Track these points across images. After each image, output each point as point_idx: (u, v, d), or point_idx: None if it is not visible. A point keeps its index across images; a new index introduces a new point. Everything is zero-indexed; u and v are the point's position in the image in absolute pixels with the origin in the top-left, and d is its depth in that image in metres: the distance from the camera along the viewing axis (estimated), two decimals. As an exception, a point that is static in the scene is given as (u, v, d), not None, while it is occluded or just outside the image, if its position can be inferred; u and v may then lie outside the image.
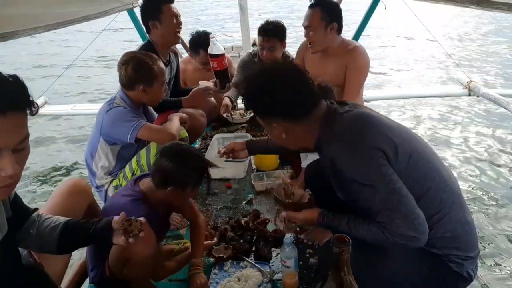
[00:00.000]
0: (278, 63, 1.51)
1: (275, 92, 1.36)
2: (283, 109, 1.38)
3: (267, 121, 1.46)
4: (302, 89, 1.38)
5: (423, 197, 1.30)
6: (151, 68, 2.12)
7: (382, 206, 1.23)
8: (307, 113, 1.40)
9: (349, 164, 1.27)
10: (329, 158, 1.32)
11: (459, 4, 2.51)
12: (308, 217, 1.54)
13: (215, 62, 2.72)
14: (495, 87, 6.23)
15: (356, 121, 1.35)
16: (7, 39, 2.08)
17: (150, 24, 2.62)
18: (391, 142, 1.28)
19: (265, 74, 1.43)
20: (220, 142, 3.05)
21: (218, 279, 1.79)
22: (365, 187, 1.25)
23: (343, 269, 0.91)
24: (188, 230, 2.16)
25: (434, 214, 1.32)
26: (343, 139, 1.30)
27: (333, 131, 1.35)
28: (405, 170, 1.28)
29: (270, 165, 2.78)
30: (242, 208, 2.38)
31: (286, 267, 1.68)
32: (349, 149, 1.28)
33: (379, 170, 1.24)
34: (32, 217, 1.36)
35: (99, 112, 2.19)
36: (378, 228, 1.26)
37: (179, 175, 1.59)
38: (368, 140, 1.27)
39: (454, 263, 1.35)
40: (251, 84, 1.45)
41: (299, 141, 1.49)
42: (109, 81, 7.52)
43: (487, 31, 11.42)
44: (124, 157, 2.20)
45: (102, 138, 2.15)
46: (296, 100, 1.37)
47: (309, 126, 1.42)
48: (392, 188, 1.23)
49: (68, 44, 10.54)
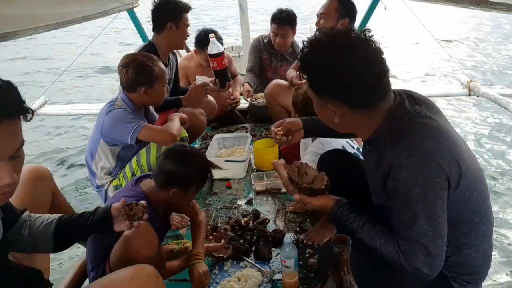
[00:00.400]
0: (359, 38, 1.17)
1: (346, 73, 1.15)
2: (348, 94, 1.19)
3: (322, 100, 1.26)
4: (378, 76, 1.18)
5: (463, 227, 1.24)
6: (152, 70, 2.13)
7: (415, 236, 1.14)
8: (374, 104, 1.22)
9: (408, 182, 1.13)
10: (389, 163, 1.16)
11: (459, 4, 2.51)
12: (322, 204, 1.40)
13: (214, 62, 2.72)
14: (495, 87, 6.23)
15: (430, 135, 1.16)
16: (7, 39, 2.08)
17: (168, 25, 2.64)
18: (459, 170, 1.15)
19: (342, 47, 1.17)
20: (220, 142, 3.05)
21: (218, 279, 1.79)
22: (410, 210, 1.14)
23: (343, 269, 0.91)
24: (188, 230, 2.17)
25: (464, 244, 1.26)
26: (412, 153, 1.13)
27: (402, 133, 1.18)
28: (459, 200, 1.19)
29: (270, 165, 2.78)
30: (242, 208, 2.38)
31: (286, 267, 1.68)
32: (415, 168, 1.12)
33: (433, 204, 1.13)
34: (22, 218, 1.33)
35: (100, 113, 2.20)
36: (395, 249, 1.19)
37: (183, 176, 1.60)
38: (439, 164, 1.12)
39: (457, 284, 1.32)
40: (318, 52, 1.21)
41: (350, 128, 1.34)
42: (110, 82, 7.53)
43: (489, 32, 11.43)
44: (124, 158, 2.21)
45: (102, 139, 2.15)
46: (367, 88, 1.18)
47: (369, 117, 1.24)
48: (434, 226, 1.14)
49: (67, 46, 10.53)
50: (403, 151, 1.14)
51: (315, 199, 1.41)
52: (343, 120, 1.25)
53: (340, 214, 1.35)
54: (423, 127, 1.17)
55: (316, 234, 2.03)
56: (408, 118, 1.20)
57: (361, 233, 1.29)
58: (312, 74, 1.24)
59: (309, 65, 1.25)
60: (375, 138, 1.27)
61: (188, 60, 3.56)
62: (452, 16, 12.35)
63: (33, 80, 7.51)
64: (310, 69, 1.24)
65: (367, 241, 1.28)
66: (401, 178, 1.14)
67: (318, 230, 2.05)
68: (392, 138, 1.19)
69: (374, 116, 1.24)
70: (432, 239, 1.14)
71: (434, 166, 1.11)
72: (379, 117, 1.24)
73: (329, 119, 1.30)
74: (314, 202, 1.41)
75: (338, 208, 1.36)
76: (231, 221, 2.19)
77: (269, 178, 2.62)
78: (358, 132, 1.34)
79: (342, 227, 1.37)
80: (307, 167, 1.55)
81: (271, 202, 2.44)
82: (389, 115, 1.23)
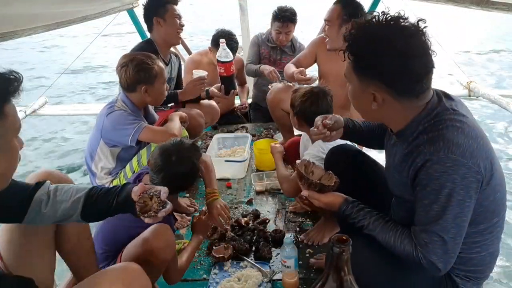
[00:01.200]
0: (417, 27, 1.16)
1: (404, 59, 1.14)
2: (396, 80, 1.17)
3: (364, 83, 1.23)
4: (429, 67, 1.17)
5: (480, 226, 1.25)
6: (151, 68, 2.12)
7: (438, 230, 1.15)
8: (418, 94, 1.20)
9: (443, 177, 1.13)
10: (425, 158, 1.16)
11: (459, 4, 2.51)
12: (331, 201, 1.40)
13: (222, 68, 2.72)
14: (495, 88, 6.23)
15: (469, 134, 1.16)
16: (7, 39, 2.08)
17: (154, 20, 2.64)
18: (490, 171, 1.18)
19: (402, 33, 1.15)
20: (220, 142, 3.05)
21: (218, 279, 1.79)
22: (438, 205, 1.15)
23: (343, 269, 0.91)
24: (188, 230, 2.17)
25: (476, 242, 1.28)
26: (452, 150, 1.12)
27: (441, 130, 1.17)
28: (483, 199, 1.20)
29: (270, 165, 2.78)
30: (242, 208, 2.38)
31: (286, 267, 1.68)
32: (453, 165, 1.12)
33: (462, 202, 1.14)
34: (37, 196, 1.27)
35: (99, 115, 2.19)
36: (412, 242, 1.20)
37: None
38: (475, 163, 1.13)
39: (460, 279, 1.33)
40: (375, 34, 1.18)
41: (384, 117, 1.31)
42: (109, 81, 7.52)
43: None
44: (124, 158, 2.21)
45: (102, 140, 2.15)
46: (419, 77, 1.17)
47: (408, 108, 1.23)
48: (458, 224, 1.15)
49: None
50: (442, 147, 1.13)
51: (325, 196, 1.41)
52: (381, 108, 1.23)
53: (350, 211, 1.35)
54: (462, 125, 1.17)
55: (316, 234, 2.03)
56: (447, 115, 1.20)
57: (372, 229, 1.29)
58: (362, 56, 1.21)
59: (360, 47, 1.21)
60: (408, 130, 1.25)
61: (201, 55, 3.51)
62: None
63: (36, 76, 7.52)
64: (362, 51, 1.20)
65: (380, 236, 1.28)
66: (436, 173, 1.14)
67: (318, 230, 2.05)
68: (429, 133, 1.19)
69: (413, 108, 1.23)
70: (453, 236, 1.15)
71: (472, 166, 1.12)
72: (416, 109, 1.23)
73: (365, 106, 1.27)
74: (323, 199, 1.41)
75: (348, 205, 1.36)
76: (231, 221, 2.19)
77: (269, 178, 2.62)
78: (391, 122, 1.31)
79: (350, 225, 1.37)
80: (314, 165, 1.54)
81: (271, 202, 2.44)
82: (427, 109, 1.22)
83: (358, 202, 1.37)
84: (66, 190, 1.29)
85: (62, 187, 1.30)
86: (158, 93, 2.20)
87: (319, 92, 2.04)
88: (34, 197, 1.26)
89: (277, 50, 3.62)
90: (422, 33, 1.16)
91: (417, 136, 1.22)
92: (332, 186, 1.42)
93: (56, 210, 1.26)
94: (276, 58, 3.65)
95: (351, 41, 1.22)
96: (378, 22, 1.18)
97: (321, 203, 1.42)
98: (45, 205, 1.26)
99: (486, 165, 1.16)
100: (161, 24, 2.64)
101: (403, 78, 1.16)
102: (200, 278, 1.83)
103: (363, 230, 1.32)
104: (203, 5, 16.43)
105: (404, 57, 1.14)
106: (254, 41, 3.65)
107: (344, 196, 1.40)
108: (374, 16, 1.20)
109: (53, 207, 1.26)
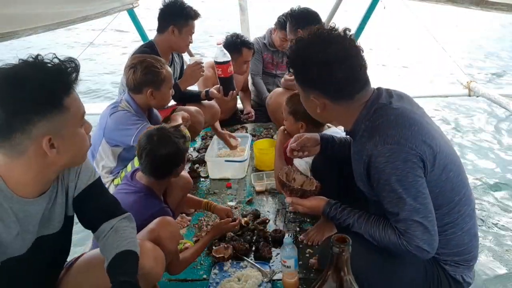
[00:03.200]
0: (339, 36, 1.29)
1: (325, 67, 1.27)
2: (328, 87, 1.30)
3: (305, 92, 1.38)
4: (354, 70, 1.29)
5: (444, 207, 1.30)
6: (160, 72, 2.13)
7: (408, 216, 1.21)
8: (353, 96, 1.32)
9: (387, 167, 1.22)
10: (368, 154, 1.26)
11: (459, 4, 2.51)
12: (314, 205, 1.46)
13: (220, 69, 2.71)
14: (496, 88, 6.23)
15: (403, 124, 1.25)
16: (7, 39, 2.08)
17: (171, 27, 2.62)
18: (432, 152, 1.24)
19: (322, 44, 1.29)
20: (220, 142, 3.05)
21: (218, 279, 1.79)
22: (395, 193, 1.22)
23: (343, 269, 0.91)
24: (188, 230, 2.18)
25: (448, 223, 1.32)
26: (387, 141, 1.22)
27: (377, 125, 1.28)
28: (436, 180, 1.27)
29: (270, 165, 2.78)
30: (242, 208, 2.38)
31: (286, 267, 1.68)
32: (392, 153, 1.21)
33: (414, 182, 1.21)
34: (103, 227, 1.28)
35: (103, 115, 2.20)
36: (395, 232, 1.24)
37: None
38: (412, 148, 1.21)
39: (449, 266, 1.37)
40: (302, 48, 1.33)
41: (332, 119, 1.45)
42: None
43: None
44: (125, 158, 2.21)
45: (104, 140, 2.16)
46: (345, 81, 1.28)
47: (349, 109, 1.34)
48: (421, 202, 1.21)
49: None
50: (379, 141, 1.23)
51: (307, 200, 1.47)
52: (325, 111, 1.36)
53: (334, 213, 1.40)
54: (396, 118, 1.27)
55: (316, 234, 2.03)
56: (383, 110, 1.30)
57: (358, 227, 1.33)
58: (296, 68, 1.37)
59: (293, 60, 1.37)
60: (355, 129, 1.37)
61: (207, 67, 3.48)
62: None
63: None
64: (295, 64, 1.37)
65: (366, 232, 1.31)
66: (380, 165, 1.23)
67: (318, 230, 2.05)
68: (369, 130, 1.30)
69: (353, 108, 1.34)
70: (424, 215, 1.21)
71: (408, 149, 1.21)
72: (358, 109, 1.33)
73: (312, 110, 1.41)
74: (306, 203, 1.47)
75: (330, 207, 1.41)
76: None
77: (269, 178, 2.62)
78: (341, 123, 1.45)
79: (339, 226, 1.40)
80: (295, 173, 1.62)
81: (271, 202, 2.44)
82: (366, 108, 1.33)
83: (340, 203, 1.42)
84: (115, 236, 1.26)
85: (120, 230, 1.28)
86: (164, 97, 2.22)
87: None
88: (102, 226, 1.29)
89: (279, 53, 3.71)
90: (348, 39, 1.29)
91: (362, 134, 1.33)
92: (313, 191, 1.47)
93: (102, 247, 1.28)
94: (279, 61, 3.74)
95: (289, 57, 1.39)
96: (307, 37, 1.33)
97: (305, 208, 1.48)
98: (102, 238, 1.28)
99: (423, 148, 1.22)
100: (175, 34, 2.64)
101: (332, 84, 1.29)
102: (200, 278, 1.83)
103: (350, 229, 1.35)
104: (205, 5, 16.44)
105: (326, 65, 1.26)
106: (255, 48, 3.58)
107: (325, 199, 1.45)
108: (307, 32, 1.34)
109: (104, 242, 1.27)
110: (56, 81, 1.03)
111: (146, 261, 1.29)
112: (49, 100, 1.02)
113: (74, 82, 1.07)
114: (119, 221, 1.30)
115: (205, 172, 2.78)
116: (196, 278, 1.83)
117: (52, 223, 1.19)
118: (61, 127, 1.05)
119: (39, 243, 1.15)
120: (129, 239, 1.26)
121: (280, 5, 3.69)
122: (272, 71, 3.76)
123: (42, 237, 1.16)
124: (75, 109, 1.08)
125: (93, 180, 1.28)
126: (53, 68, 1.03)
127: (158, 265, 1.36)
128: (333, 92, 1.31)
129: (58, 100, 1.03)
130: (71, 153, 1.11)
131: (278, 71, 3.77)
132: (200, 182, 2.72)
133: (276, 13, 3.69)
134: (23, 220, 1.09)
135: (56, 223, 1.20)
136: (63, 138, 1.06)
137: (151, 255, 1.34)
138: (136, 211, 1.43)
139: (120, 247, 1.22)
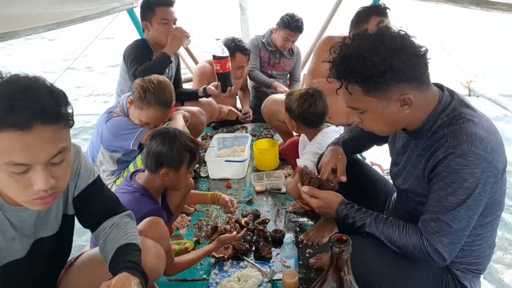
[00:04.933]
0: (391, 30, 1.20)
1: (399, 52, 1.14)
2: (409, 69, 1.15)
3: (384, 97, 1.18)
4: (423, 54, 1.19)
5: (486, 219, 1.27)
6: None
7: (449, 220, 1.17)
8: (429, 81, 1.22)
9: (464, 171, 1.14)
10: (446, 151, 1.16)
11: (459, 4, 2.51)
12: (329, 198, 1.42)
13: (218, 64, 2.70)
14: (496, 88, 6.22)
15: (489, 130, 1.18)
16: (7, 39, 2.08)
17: (143, 24, 2.64)
18: (505, 165, 1.20)
19: (382, 35, 1.18)
20: (220, 142, 3.05)
21: (218, 279, 1.79)
22: (454, 197, 1.16)
23: (343, 269, 0.91)
24: (188, 230, 2.18)
25: (479, 235, 1.30)
26: (475, 145, 1.13)
27: (460, 124, 1.18)
28: (493, 194, 1.23)
29: (270, 165, 2.79)
30: (242, 208, 2.38)
31: (286, 267, 1.68)
32: (475, 159, 1.13)
33: (478, 195, 1.15)
34: (103, 225, 1.29)
35: (99, 122, 2.20)
36: (417, 230, 1.22)
37: (170, 154, 1.66)
38: (494, 158, 1.15)
39: (460, 272, 1.35)
40: (361, 46, 1.17)
41: (409, 119, 1.26)
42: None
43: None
44: (125, 161, 2.23)
45: (102, 146, 2.16)
46: (423, 60, 1.18)
47: (426, 100, 1.23)
48: (469, 216, 1.18)
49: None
50: (466, 141, 1.14)
51: (323, 191, 1.44)
52: (412, 108, 1.20)
53: (349, 211, 1.37)
54: (480, 120, 1.20)
55: (316, 234, 2.04)
56: (463, 109, 1.22)
57: (374, 226, 1.31)
58: (365, 73, 1.16)
59: (357, 69, 1.17)
60: (425, 126, 1.26)
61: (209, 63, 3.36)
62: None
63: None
64: (362, 70, 1.16)
65: (382, 232, 1.29)
66: (458, 166, 1.15)
67: (318, 230, 2.05)
68: (451, 126, 1.19)
69: (429, 99, 1.23)
70: (462, 228, 1.18)
71: (491, 161, 1.14)
72: (431, 102, 1.24)
73: (393, 119, 1.24)
74: (321, 194, 1.44)
75: (346, 204, 1.39)
76: (231, 221, 2.19)
77: (269, 178, 2.62)
78: (412, 122, 1.28)
79: (348, 225, 1.38)
80: (313, 173, 1.55)
81: (271, 202, 2.44)
82: (442, 104, 1.23)
83: (354, 204, 1.40)
84: (117, 233, 1.26)
85: (120, 226, 1.28)
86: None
87: (314, 93, 2.05)
88: (102, 224, 1.30)
89: (277, 54, 3.68)
90: (395, 32, 1.19)
91: (436, 130, 1.23)
92: (331, 185, 1.46)
93: (102, 246, 1.28)
94: (275, 61, 3.71)
95: (346, 74, 1.20)
96: (345, 45, 1.21)
97: (319, 200, 1.44)
98: (102, 236, 1.28)
99: (502, 160, 1.18)
100: (148, 28, 2.62)
101: (413, 65, 1.15)
102: (200, 278, 1.83)
103: (364, 228, 1.33)
104: (203, 6, 16.47)
105: (399, 50, 1.14)
106: (253, 44, 3.63)
107: (341, 196, 1.43)
108: (335, 48, 1.23)
109: (104, 240, 1.27)
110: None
111: (149, 258, 1.28)
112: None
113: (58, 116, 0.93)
114: (120, 218, 1.31)
115: (205, 172, 2.78)
116: (196, 278, 1.83)
117: (49, 225, 1.18)
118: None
119: (38, 245, 1.15)
120: (130, 234, 1.25)
121: (280, 5, 3.68)
122: (268, 71, 3.74)
123: (41, 239, 1.16)
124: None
125: (93, 179, 1.27)
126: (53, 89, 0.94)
127: (160, 262, 1.36)
128: (416, 73, 1.17)
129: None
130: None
131: (274, 71, 3.75)
132: (200, 182, 2.72)
133: (276, 13, 3.70)
134: (18, 226, 1.09)
135: (53, 225, 1.20)
136: None
137: (153, 251, 1.33)
138: (130, 210, 1.43)
139: (122, 240, 1.21)
